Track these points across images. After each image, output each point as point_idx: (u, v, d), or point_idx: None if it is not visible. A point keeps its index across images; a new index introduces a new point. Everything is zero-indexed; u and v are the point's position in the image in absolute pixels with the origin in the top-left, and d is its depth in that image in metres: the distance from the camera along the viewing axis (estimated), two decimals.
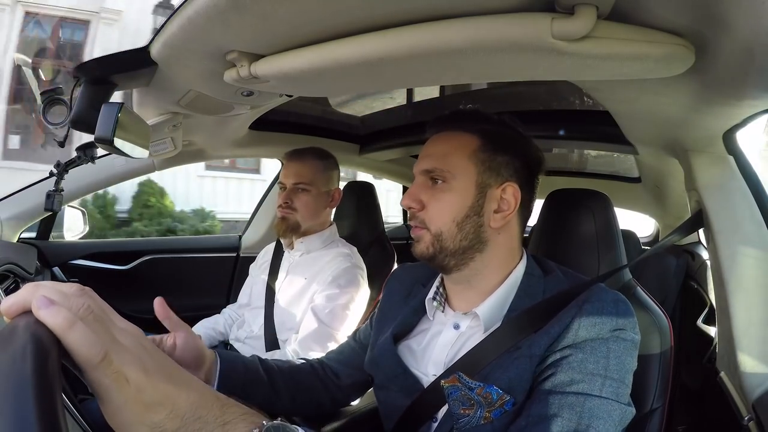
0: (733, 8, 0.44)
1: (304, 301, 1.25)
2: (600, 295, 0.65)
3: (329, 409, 0.88)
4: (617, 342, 0.61)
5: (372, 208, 1.59)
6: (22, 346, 0.30)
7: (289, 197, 1.27)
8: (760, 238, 0.79)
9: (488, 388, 0.61)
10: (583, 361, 0.59)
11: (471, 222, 0.69)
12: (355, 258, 1.30)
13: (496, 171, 0.70)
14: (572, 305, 0.64)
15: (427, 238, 0.70)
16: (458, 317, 0.72)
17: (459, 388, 0.62)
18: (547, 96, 1.39)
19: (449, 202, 0.69)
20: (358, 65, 0.61)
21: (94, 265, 1.67)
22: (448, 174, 0.69)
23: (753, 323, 0.75)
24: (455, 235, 0.69)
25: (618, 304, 0.64)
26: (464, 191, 0.69)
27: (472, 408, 0.62)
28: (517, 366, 0.62)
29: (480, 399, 0.61)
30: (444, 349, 0.71)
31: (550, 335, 0.62)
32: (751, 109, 0.68)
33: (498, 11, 0.50)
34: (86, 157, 1.14)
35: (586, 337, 0.61)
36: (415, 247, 0.72)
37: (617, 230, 0.87)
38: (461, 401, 0.62)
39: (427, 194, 0.70)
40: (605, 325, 0.61)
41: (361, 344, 0.88)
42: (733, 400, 0.73)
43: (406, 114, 1.67)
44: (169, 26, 0.67)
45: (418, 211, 0.70)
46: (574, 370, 0.59)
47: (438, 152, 0.71)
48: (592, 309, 0.62)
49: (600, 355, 0.60)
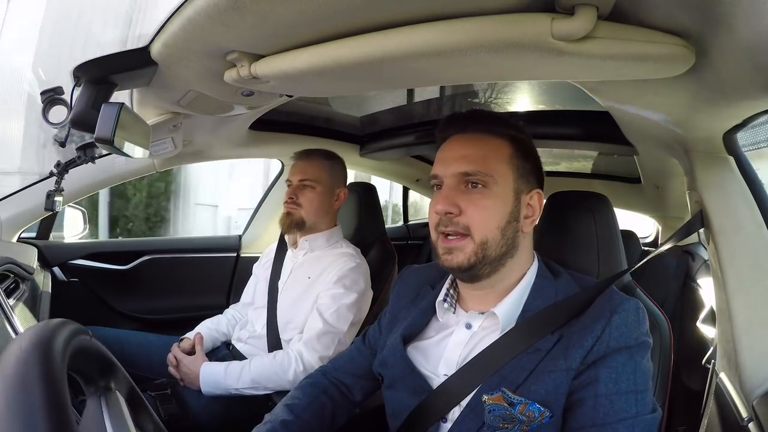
0: (733, 8, 0.44)
1: (308, 301, 1.25)
2: (624, 305, 0.66)
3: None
4: (640, 351, 0.64)
5: (373, 209, 1.59)
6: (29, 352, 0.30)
7: (295, 193, 1.30)
8: (760, 239, 0.79)
9: (531, 406, 0.62)
10: (617, 380, 0.62)
11: (511, 228, 0.68)
12: (360, 258, 1.31)
13: (526, 178, 0.71)
14: (599, 316, 0.65)
15: (469, 248, 0.66)
16: (472, 317, 0.72)
17: (503, 407, 0.63)
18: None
19: (493, 208, 0.67)
20: (358, 65, 0.61)
21: (94, 265, 1.67)
22: (490, 179, 0.67)
23: (753, 324, 0.75)
24: (499, 242, 0.67)
25: (639, 312, 0.66)
26: (505, 197, 0.68)
27: (512, 423, 0.63)
28: (554, 379, 0.63)
29: (523, 418, 0.62)
30: (457, 348, 0.71)
31: (584, 347, 0.63)
32: (751, 109, 0.68)
33: (498, 11, 0.50)
34: (86, 157, 1.14)
35: (616, 346, 0.63)
36: (452, 259, 0.67)
37: (617, 231, 0.87)
38: (502, 418, 0.63)
39: (464, 199, 0.67)
40: (632, 334, 0.64)
41: (370, 348, 0.88)
42: (733, 400, 0.73)
43: (406, 114, 1.67)
44: (170, 26, 0.66)
45: (455, 217, 0.67)
46: (608, 388, 0.61)
47: (475, 154, 0.68)
48: (620, 320, 0.64)
49: (629, 370, 0.62)
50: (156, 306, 1.78)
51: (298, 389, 0.87)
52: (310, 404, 0.82)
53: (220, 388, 1.15)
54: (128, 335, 1.40)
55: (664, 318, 0.84)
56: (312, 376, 0.90)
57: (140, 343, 1.35)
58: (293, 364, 1.15)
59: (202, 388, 1.15)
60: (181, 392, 1.18)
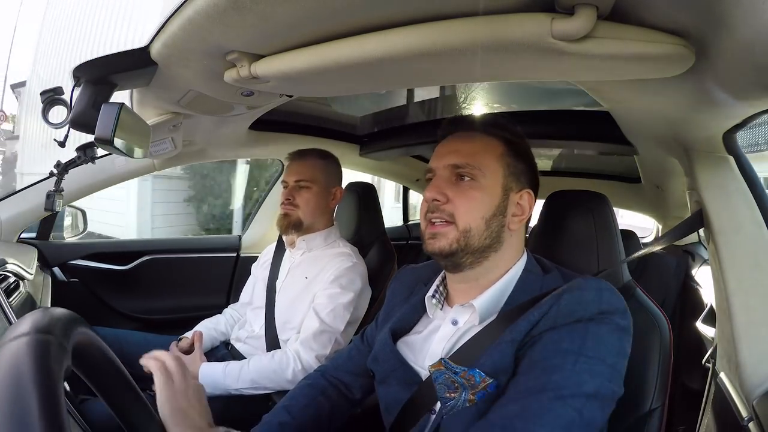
0: (733, 8, 0.44)
1: (306, 301, 1.26)
2: (582, 284, 0.65)
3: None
4: (599, 325, 0.60)
5: (373, 209, 1.59)
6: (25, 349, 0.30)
7: (291, 194, 1.30)
8: (760, 239, 0.79)
9: (471, 371, 0.63)
10: (558, 341, 0.60)
11: (497, 221, 0.71)
12: (357, 258, 1.31)
13: (516, 177, 0.73)
14: (554, 294, 0.64)
15: (452, 234, 0.69)
16: (457, 312, 0.74)
17: (444, 372, 0.65)
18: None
19: (479, 199, 0.70)
20: (358, 65, 0.61)
21: (94, 265, 1.67)
22: (478, 171, 0.70)
23: (753, 324, 0.75)
24: (482, 233, 0.70)
25: (602, 292, 0.63)
26: (492, 190, 0.71)
27: (457, 391, 0.63)
28: (500, 351, 0.64)
29: (463, 381, 0.63)
30: (441, 343, 0.73)
31: (529, 321, 0.63)
32: (751, 109, 0.68)
33: (498, 11, 0.50)
34: (86, 157, 1.14)
35: (565, 321, 0.61)
36: (434, 243, 0.70)
37: (616, 231, 0.88)
38: (446, 384, 0.64)
39: (453, 189, 0.70)
40: (586, 310, 0.61)
41: (368, 346, 0.89)
42: (733, 400, 0.73)
43: (406, 114, 1.67)
44: (169, 26, 0.66)
45: (443, 204, 0.70)
46: (547, 349, 0.60)
47: (467, 149, 0.72)
48: (572, 296, 0.63)
49: (576, 336, 0.60)
50: (156, 306, 1.78)
51: (295, 390, 0.87)
52: (307, 405, 0.83)
53: (220, 388, 1.15)
54: (128, 335, 1.40)
55: (664, 318, 0.84)
56: (310, 377, 0.91)
57: (140, 343, 1.35)
58: (291, 363, 1.16)
59: None
60: None
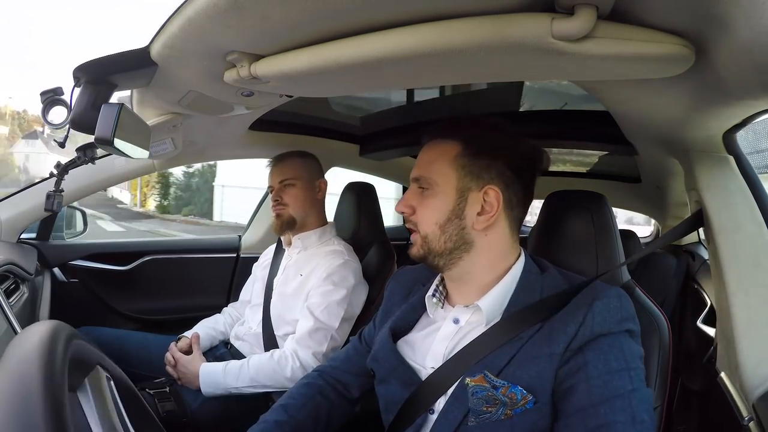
0: (733, 8, 0.44)
1: (300, 298, 1.28)
2: (605, 292, 0.68)
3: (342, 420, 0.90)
4: (625, 336, 0.66)
5: (372, 209, 1.59)
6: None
7: (279, 195, 1.34)
8: (760, 238, 0.79)
9: (513, 388, 0.64)
10: (606, 362, 0.63)
11: (453, 225, 0.73)
12: (348, 255, 1.33)
13: (476, 175, 0.73)
14: (582, 303, 0.67)
15: (418, 240, 0.76)
16: (459, 311, 0.75)
17: (485, 388, 0.65)
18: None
19: (432, 207, 0.74)
20: (358, 65, 0.61)
21: (94, 265, 1.67)
22: (432, 181, 0.74)
23: (753, 323, 0.75)
24: (439, 237, 0.73)
25: (621, 298, 0.68)
26: (445, 196, 0.73)
27: (495, 406, 0.64)
28: (537, 365, 0.64)
29: (505, 399, 0.64)
30: (443, 342, 0.73)
31: (567, 334, 0.65)
32: (751, 109, 0.68)
33: (498, 11, 0.50)
34: (86, 157, 1.14)
35: (600, 332, 0.65)
36: (410, 249, 0.78)
37: (615, 231, 0.87)
38: (485, 400, 0.64)
39: (416, 200, 0.76)
40: (614, 318, 0.66)
41: (366, 345, 0.90)
42: (733, 400, 0.73)
43: (406, 114, 1.67)
44: (169, 26, 0.66)
45: (409, 216, 0.76)
46: (601, 372, 0.62)
47: (424, 161, 0.77)
48: (602, 305, 0.66)
49: (617, 350, 0.64)
50: (156, 307, 1.78)
51: (293, 389, 0.88)
52: (304, 404, 0.84)
53: (220, 388, 1.16)
54: (127, 335, 1.41)
55: (663, 318, 0.84)
56: (308, 376, 0.91)
57: (139, 343, 1.36)
58: (290, 361, 1.17)
59: (202, 388, 1.16)
60: (179, 391, 1.20)
